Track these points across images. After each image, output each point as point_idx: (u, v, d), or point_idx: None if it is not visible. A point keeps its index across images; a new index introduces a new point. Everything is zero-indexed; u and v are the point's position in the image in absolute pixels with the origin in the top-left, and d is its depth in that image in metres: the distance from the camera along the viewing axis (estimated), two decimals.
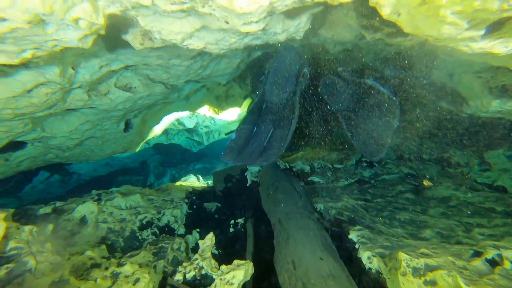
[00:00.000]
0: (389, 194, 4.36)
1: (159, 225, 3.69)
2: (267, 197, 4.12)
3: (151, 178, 14.43)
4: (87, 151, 4.23)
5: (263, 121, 2.72)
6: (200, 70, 3.34)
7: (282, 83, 2.60)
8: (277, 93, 2.62)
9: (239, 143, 2.66)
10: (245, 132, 2.70)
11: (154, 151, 14.94)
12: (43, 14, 1.24)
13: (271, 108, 2.70)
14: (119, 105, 3.25)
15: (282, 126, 2.65)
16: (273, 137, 2.66)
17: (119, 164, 13.35)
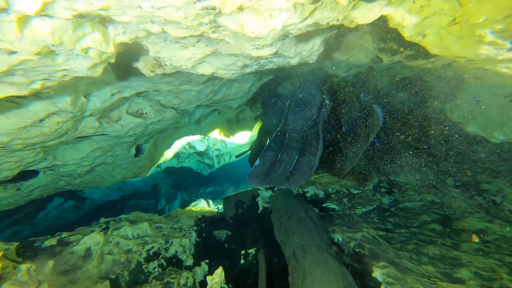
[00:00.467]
0: (413, 224, 4.01)
1: (166, 256, 3.50)
2: (280, 226, 3.88)
3: (162, 201, 14.34)
4: (97, 178, 4.20)
5: (287, 148, 2.85)
6: (211, 94, 3.33)
7: (305, 113, 2.78)
8: (300, 123, 2.78)
9: (264, 169, 2.78)
10: (270, 158, 2.83)
11: (165, 174, 15.00)
12: (53, 45, 1.21)
13: (295, 137, 2.84)
14: (130, 131, 3.23)
15: (307, 153, 2.76)
16: (299, 163, 2.75)
17: (131, 188, 13.41)
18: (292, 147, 2.84)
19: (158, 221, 4.64)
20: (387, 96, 4.09)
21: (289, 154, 2.81)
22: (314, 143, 2.76)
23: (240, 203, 4.85)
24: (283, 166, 2.78)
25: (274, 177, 2.69)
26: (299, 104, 2.81)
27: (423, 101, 3.85)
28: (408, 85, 3.83)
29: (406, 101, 3.88)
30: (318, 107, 2.77)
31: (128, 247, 3.34)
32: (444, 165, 4.89)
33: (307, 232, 3.43)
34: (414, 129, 4.68)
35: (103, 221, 4.18)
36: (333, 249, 3.17)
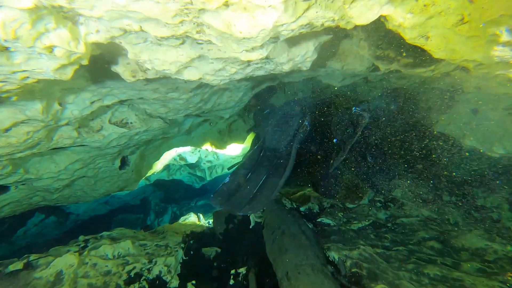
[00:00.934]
0: (411, 241, 3.84)
1: (148, 278, 3.21)
2: (272, 243, 3.65)
3: (151, 216, 13.83)
4: (78, 192, 3.93)
5: (258, 167, 2.82)
6: (201, 104, 3.18)
7: (282, 134, 2.77)
8: (276, 143, 2.76)
9: (231, 188, 2.73)
10: (240, 177, 2.79)
11: (155, 187, 14.56)
12: (6, 40, 1.04)
13: (269, 156, 2.82)
14: (114, 141, 3.03)
15: (275, 175, 2.70)
16: (265, 184, 2.68)
17: (118, 202, 12.91)
18: (263, 166, 2.80)
19: (143, 238, 4.34)
20: (378, 109, 4.05)
21: (258, 174, 2.76)
22: (284, 164, 2.70)
23: (231, 217, 4.61)
24: (248, 188, 2.69)
25: (235, 201, 2.59)
26: (278, 123, 2.82)
27: (415, 113, 3.81)
28: (400, 97, 3.80)
29: (397, 113, 3.84)
30: (296, 129, 2.76)
31: (106, 268, 3.05)
32: (439, 180, 4.81)
33: (301, 250, 3.22)
34: (405, 143, 4.63)
35: (81, 239, 3.86)
36: (328, 269, 2.96)
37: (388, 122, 4.00)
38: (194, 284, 3.49)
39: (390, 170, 3.96)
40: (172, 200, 15.01)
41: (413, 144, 4.83)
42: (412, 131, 4.41)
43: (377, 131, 4.27)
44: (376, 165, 3.81)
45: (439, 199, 4.95)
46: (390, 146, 4.55)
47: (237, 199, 2.68)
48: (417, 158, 4.71)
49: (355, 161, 3.99)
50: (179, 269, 3.69)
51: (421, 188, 5.39)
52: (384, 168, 4.00)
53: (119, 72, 1.77)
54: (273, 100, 5.73)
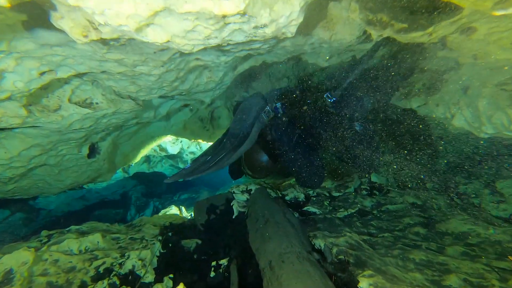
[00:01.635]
0: (396, 228, 3.79)
1: (120, 273, 2.93)
2: (255, 232, 3.47)
3: (131, 211, 13.33)
4: (39, 183, 3.54)
5: (220, 149, 2.81)
6: (177, 83, 2.88)
7: (243, 119, 2.79)
8: (238, 129, 2.78)
9: (189, 170, 2.74)
10: (199, 161, 2.81)
11: (136, 181, 14.04)
12: None
13: (230, 141, 2.82)
14: (76, 123, 2.68)
15: (231, 150, 2.75)
16: (221, 159, 2.76)
17: (96, 196, 12.31)
18: (223, 149, 2.82)
19: (117, 231, 4.02)
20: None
21: (216, 154, 2.78)
22: (240, 141, 2.74)
23: (212, 208, 4.38)
24: (206, 163, 2.75)
25: (191, 171, 2.66)
26: (241, 111, 2.84)
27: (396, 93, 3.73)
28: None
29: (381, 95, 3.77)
30: (257, 112, 2.79)
31: (70, 264, 2.74)
32: (423, 166, 4.82)
33: (285, 238, 3.05)
34: (389, 126, 4.58)
35: (44, 234, 3.49)
36: (314, 256, 2.82)
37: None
38: (172, 278, 3.25)
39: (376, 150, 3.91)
40: (154, 195, 14.55)
41: (395, 130, 4.79)
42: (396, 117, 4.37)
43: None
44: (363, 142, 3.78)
45: (422, 186, 4.98)
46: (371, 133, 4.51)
47: (192, 170, 2.74)
48: (401, 144, 4.68)
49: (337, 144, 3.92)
50: (156, 263, 3.43)
51: (404, 175, 5.41)
52: (370, 145, 3.95)
53: (65, 29, 1.45)
54: (255, 85, 5.50)
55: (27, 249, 2.43)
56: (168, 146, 7.38)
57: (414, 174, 4.99)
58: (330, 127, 4.76)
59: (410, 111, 4.21)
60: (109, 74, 2.31)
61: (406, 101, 3.19)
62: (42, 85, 2.03)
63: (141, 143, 5.21)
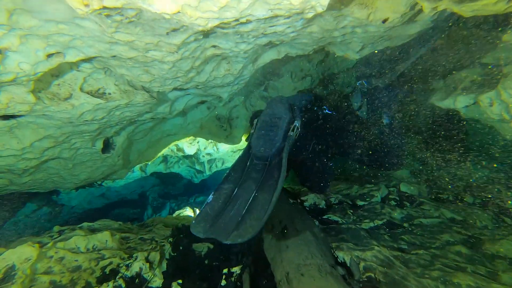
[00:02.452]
0: (433, 245, 3.32)
1: (126, 276, 2.75)
2: (271, 239, 3.18)
3: (148, 211, 13.48)
4: (54, 176, 3.49)
5: (245, 180, 2.33)
6: (192, 73, 2.70)
7: (269, 137, 2.36)
8: (263, 149, 2.34)
9: (216, 208, 2.21)
10: (225, 193, 2.28)
11: (154, 182, 14.22)
12: None
13: (256, 165, 2.38)
14: (87, 114, 2.57)
15: (266, 189, 2.21)
16: (254, 202, 2.18)
17: (115, 195, 12.58)
18: (251, 178, 2.33)
19: (128, 230, 3.90)
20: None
21: (246, 189, 2.28)
22: (275, 175, 2.25)
23: None
24: (237, 205, 2.22)
25: (221, 226, 2.10)
26: (263, 125, 2.38)
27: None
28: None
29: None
30: (285, 130, 2.35)
31: (76, 263, 2.60)
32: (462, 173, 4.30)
33: (305, 247, 2.74)
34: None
35: (56, 229, 3.42)
36: (339, 271, 2.47)
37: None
38: (180, 284, 3.03)
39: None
40: (171, 196, 14.65)
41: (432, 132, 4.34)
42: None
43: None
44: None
45: (460, 200, 4.44)
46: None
47: (222, 223, 2.14)
48: (438, 148, 4.22)
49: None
50: (165, 266, 3.23)
51: (440, 183, 4.88)
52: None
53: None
54: (277, 88, 5.24)
55: (31, 244, 2.31)
56: (185, 146, 7.31)
57: (453, 184, 4.47)
58: (354, 128, 4.40)
59: (452, 113, 3.77)
60: (120, 60, 2.16)
61: (450, 99, 2.79)
62: (50, 69, 1.91)
63: (157, 141, 5.11)
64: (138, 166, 8.10)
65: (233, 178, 2.37)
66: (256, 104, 5.48)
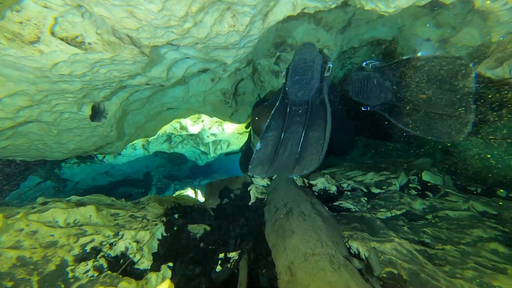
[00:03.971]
0: (462, 240, 2.86)
1: (109, 255, 2.43)
2: (274, 223, 2.79)
3: (152, 191, 13.43)
4: (38, 143, 3.16)
5: (290, 125, 2.44)
6: (189, 23, 2.25)
7: (305, 81, 2.40)
8: (301, 93, 2.41)
9: (267, 153, 2.40)
10: (272, 140, 2.43)
11: (160, 162, 14.10)
12: None
13: (297, 111, 2.46)
14: (63, 66, 2.17)
15: (315, 128, 2.33)
16: (307, 141, 2.33)
17: (120, 174, 12.54)
18: (296, 123, 2.42)
19: (120, 207, 3.59)
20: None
21: (294, 132, 2.40)
22: (321, 114, 2.33)
23: (227, 191, 3.78)
24: (289, 147, 2.37)
25: (280, 164, 2.30)
26: (297, 71, 2.43)
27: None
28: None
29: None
30: (320, 71, 2.40)
31: (51, 238, 2.29)
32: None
33: (313, 233, 2.32)
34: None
35: (40, 200, 3.13)
36: (355, 264, 2.08)
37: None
38: (171, 267, 2.70)
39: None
40: (175, 177, 14.56)
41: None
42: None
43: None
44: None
45: (490, 192, 3.93)
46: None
47: (281, 162, 2.34)
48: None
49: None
50: (156, 247, 2.91)
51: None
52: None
53: None
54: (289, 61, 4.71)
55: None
56: (188, 125, 6.94)
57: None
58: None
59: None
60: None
61: (506, 67, 2.26)
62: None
63: (156, 115, 4.74)
64: (140, 144, 7.82)
65: (275, 126, 2.47)
66: (265, 79, 4.99)
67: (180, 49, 2.90)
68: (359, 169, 4.95)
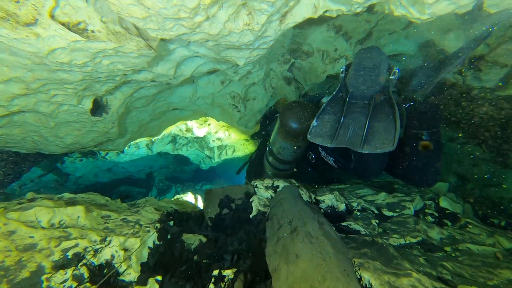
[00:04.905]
0: (489, 282, 2.52)
1: (92, 263, 2.19)
2: (276, 242, 2.52)
3: (153, 192, 13.24)
4: (33, 135, 3.00)
5: (351, 113, 2.34)
6: (200, 16, 2.07)
7: (370, 77, 2.29)
8: (364, 87, 2.29)
9: (325, 130, 2.35)
10: (329, 121, 2.38)
11: (164, 163, 13.97)
12: None
13: (356, 104, 2.36)
14: (61, 53, 2.00)
15: (380, 119, 2.24)
16: (372, 128, 2.23)
17: (123, 172, 12.42)
18: (357, 112, 2.31)
19: (114, 209, 3.38)
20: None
21: (356, 119, 2.29)
22: (386, 110, 2.23)
23: (227, 200, 3.53)
24: (350, 130, 2.29)
25: (345, 138, 2.24)
26: (361, 67, 2.29)
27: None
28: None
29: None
30: (387, 72, 2.27)
31: (30, 240, 2.08)
32: None
33: (320, 261, 2.06)
34: None
35: (29, 196, 2.94)
36: None
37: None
38: (159, 281, 2.45)
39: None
40: (178, 180, 14.38)
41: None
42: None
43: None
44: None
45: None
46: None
47: (347, 137, 2.25)
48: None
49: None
50: (146, 256, 2.67)
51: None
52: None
53: None
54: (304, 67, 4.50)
55: None
56: (194, 127, 6.77)
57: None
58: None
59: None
60: None
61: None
62: None
63: (161, 114, 4.57)
64: (144, 143, 7.67)
65: (331, 111, 2.40)
66: (277, 86, 4.80)
67: (190, 46, 2.73)
68: (370, 188, 4.64)
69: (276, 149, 3.96)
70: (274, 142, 3.82)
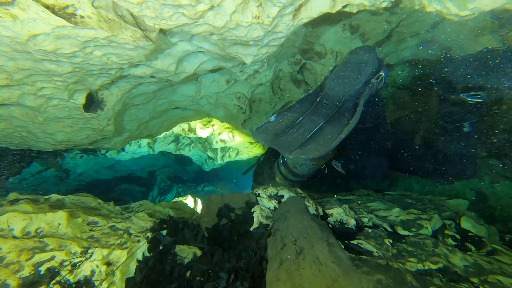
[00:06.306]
0: None
1: (66, 281, 1.92)
2: (280, 265, 2.21)
3: (154, 191, 13.04)
4: (21, 130, 2.77)
5: (313, 113, 2.36)
6: (204, 5, 1.80)
7: (349, 79, 2.25)
8: (339, 90, 2.27)
9: (277, 127, 2.38)
10: (288, 119, 2.39)
11: (166, 162, 13.78)
12: None
13: (327, 103, 2.35)
14: (44, 41, 1.76)
15: (335, 124, 2.26)
16: (321, 131, 2.27)
17: (124, 170, 12.26)
18: (320, 113, 2.33)
19: (104, 213, 3.13)
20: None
21: (313, 120, 2.32)
22: (348, 116, 2.26)
23: (227, 210, 3.25)
24: (300, 131, 2.33)
25: (284, 141, 2.32)
26: (345, 68, 2.23)
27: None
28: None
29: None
30: (368, 77, 2.21)
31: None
32: None
33: None
34: None
35: (12, 197, 2.72)
36: None
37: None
38: None
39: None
40: (179, 180, 14.17)
41: None
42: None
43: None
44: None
45: None
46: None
47: (285, 139, 2.32)
48: None
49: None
50: (133, 271, 2.40)
51: None
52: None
53: None
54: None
55: None
56: (197, 127, 6.53)
57: None
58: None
59: None
60: None
61: None
62: None
63: (162, 113, 4.32)
64: (145, 141, 7.46)
65: (298, 109, 2.40)
66: (285, 88, 4.51)
67: (193, 39, 2.47)
68: (381, 201, 4.30)
69: (292, 163, 3.89)
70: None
